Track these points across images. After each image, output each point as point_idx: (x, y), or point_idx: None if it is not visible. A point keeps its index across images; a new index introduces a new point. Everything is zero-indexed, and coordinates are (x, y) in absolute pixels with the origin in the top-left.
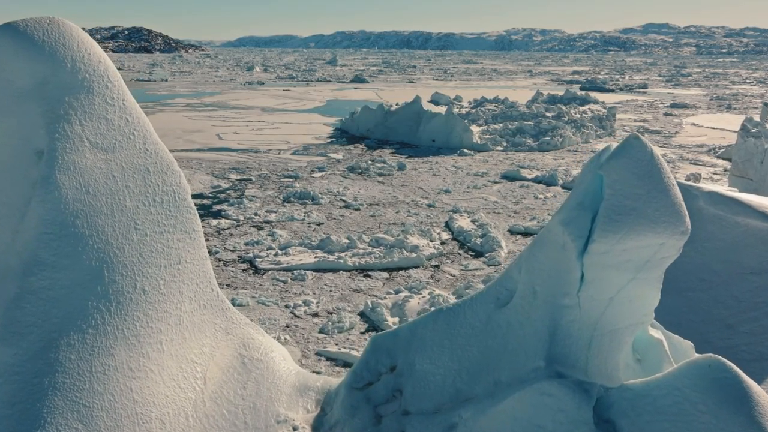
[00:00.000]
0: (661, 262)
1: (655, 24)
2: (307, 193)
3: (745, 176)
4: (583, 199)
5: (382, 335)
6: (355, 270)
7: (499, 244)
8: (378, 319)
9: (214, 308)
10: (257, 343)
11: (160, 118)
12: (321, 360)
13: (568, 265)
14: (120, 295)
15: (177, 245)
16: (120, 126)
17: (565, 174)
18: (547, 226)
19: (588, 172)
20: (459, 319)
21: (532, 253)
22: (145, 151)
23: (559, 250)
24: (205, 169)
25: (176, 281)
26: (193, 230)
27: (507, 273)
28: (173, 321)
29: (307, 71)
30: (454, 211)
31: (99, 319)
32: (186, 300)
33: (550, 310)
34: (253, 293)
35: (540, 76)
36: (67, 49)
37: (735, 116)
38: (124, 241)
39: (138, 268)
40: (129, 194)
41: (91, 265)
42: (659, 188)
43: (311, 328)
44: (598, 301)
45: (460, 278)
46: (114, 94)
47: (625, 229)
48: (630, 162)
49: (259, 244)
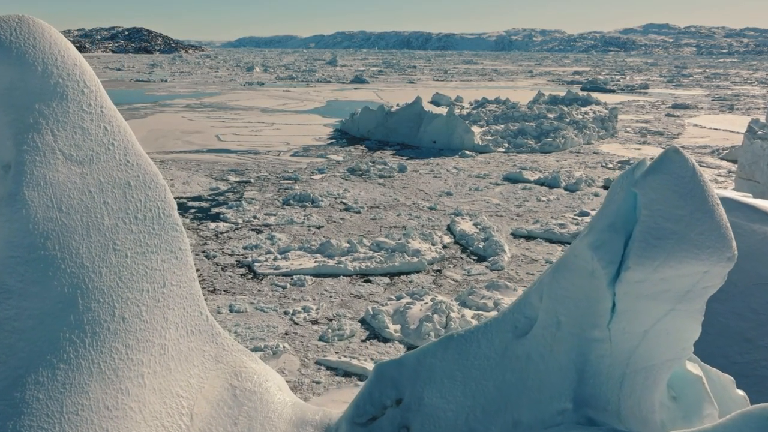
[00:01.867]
0: (704, 292)
1: (655, 24)
2: (307, 196)
3: (752, 179)
4: (615, 220)
5: (387, 364)
6: (355, 275)
7: (502, 248)
8: (379, 327)
9: (203, 334)
10: (250, 372)
11: (159, 118)
12: (321, 369)
13: (598, 294)
14: (96, 324)
15: (161, 266)
16: (98, 136)
17: (568, 176)
18: (573, 249)
19: (620, 189)
20: (472, 348)
21: (555, 278)
22: (126, 163)
23: (587, 277)
24: (204, 170)
25: (160, 306)
26: (180, 249)
27: (525, 298)
28: (157, 351)
29: (307, 72)
30: (455, 214)
31: (72, 353)
32: (171, 327)
33: (577, 344)
34: (251, 299)
35: (540, 76)
36: (38, 50)
37: (738, 117)
38: (102, 263)
39: (117, 293)
40: (107, 211)
41: (63, 291)
42: (703, 209)
43: (311, 336)
44: (632, 335)
45: (462, 283)
46: (91, 100)
47: (664, 256)
48: (669, 178)
49: (257, 248)
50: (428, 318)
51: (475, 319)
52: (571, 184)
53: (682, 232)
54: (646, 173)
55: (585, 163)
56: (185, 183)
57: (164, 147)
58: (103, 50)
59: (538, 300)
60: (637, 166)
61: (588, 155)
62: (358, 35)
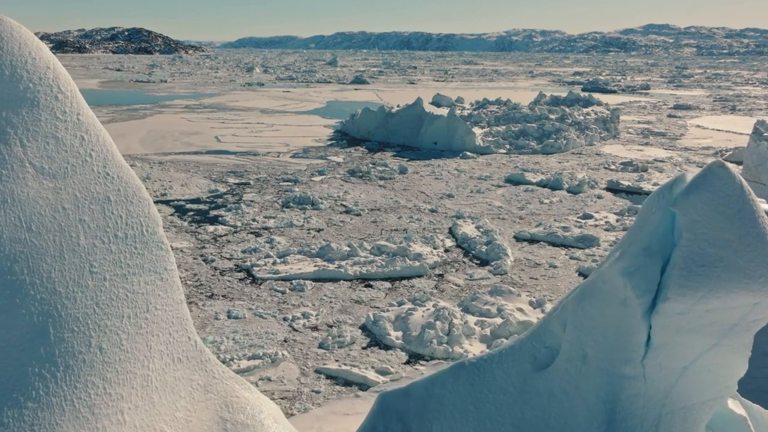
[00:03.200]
0: (753, 326)
1: (655, 25)
2: (307, 198)
3: (759, 181)
4: (650, 244)
5: (392, 394)
6: (355, 279)
7: (505, 251)
8: (380, 333)
9: (191, 361)
10: (243, 403)
11: (158, 119)
12: (320, 378)
13: (631, 326)
14: (69, 356)
15: (144, 289)
16: (73, 146)
17: (570, 178)
18: (601, 275)
19: (655, 207)
20: (486, 380)
21: (580, 306)
22: (106, 176)
23: (619, 307)
24: (203, 172)
25: (143, 333)
26: (165, 270)
27: (545, 326)
28: (139, 383)
29: (307, 72)
30: (457, 217)
31: (42, 389)
32: (155, 355)
33: (607, 380)
34: (250, 305)
35: (541, 77)
36: (6, 52)
37: (740, 118)
38: (76, 288)
39: (94, 321)
40: (83, 230)
41: (32, 321)
42: (754, 232)
43: (310, 343)
44: (669, 371)
45: (465, 288)
46: (66, 107)
47: (709, 286)
48: (714, 197)
49: (256, 252)
50: (430, 325)
51: (478, 326)
52: (573, 186)
53: (729, 259)
54: (687, 191)
55: (587, 164)
56: (184, 185)
57: (163, 148)
58: (103, 51)
59: (560, 328)
60: (675, 183)
61: (590, 156)
62: (359, 36)
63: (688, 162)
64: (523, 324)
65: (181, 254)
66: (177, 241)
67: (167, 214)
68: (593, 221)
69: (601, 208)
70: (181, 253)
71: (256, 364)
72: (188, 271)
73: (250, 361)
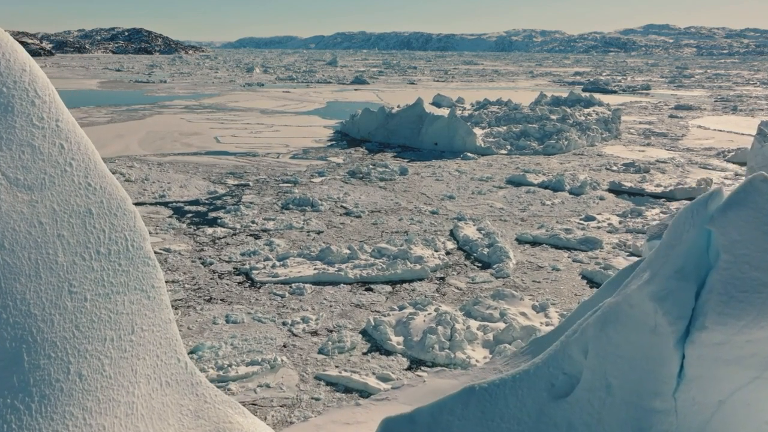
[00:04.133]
0: None
1: (655, 25)
2: (307, 200)
3: None
4: (684, 265)
5: (396, 420)
6: (356, 283)
7: (507, 254)
8: (381, 338)
9: (181, 384)
10: (236, 429)
11: (157, 120)
12: (320, 385)
13: (662, 356)
14: (46, 385)
15: (129, 309)
16: (52, 155)
17: (572, 179)
18: (628, 298)
19: (689, 225)
20: (498, 407)
21: (604, 331)
22: (87, 186)
23: (648, 334)
24: (202, 173)
25: (128, 357)
26: (152, 287)
27: (563, 350)
28: (123, 411)
29: (307, 72)
30: (458, 219)
31: (15, 422)
32: (141, 380)
33: (634, 415)
34: (249, 309)
35: (541, 77)
36: None
37: (742, 118)
38: (54, 310)
39: (73, 345)
40: (62, 246)
41: (4, 347)
42: None
43: (310, 348)
44: (703, 406)
45: (467, 292)
46: (44, 113)
47: (753, 314)
48: (756, 214)
49: (256, 255)
50: (432, 330)
51: (481, 331)
52: (575, 188)
53: None
54: (725, 207)
55: (589, 165)
56: (182, 186)
57: (162, 149)
58: (103, 51)
59: (580, 354)
60: (710, 197)
61: (592, 157)
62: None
63: (690, 163)
64: (527, 329)
65: (179, 257)
66: (175, 243)
67: (165, 216)
68: (596, 223)
69: (603, 209)
70: (180, 255)
71: (254, 371)
72: (186, 274)
73: (248, 367)
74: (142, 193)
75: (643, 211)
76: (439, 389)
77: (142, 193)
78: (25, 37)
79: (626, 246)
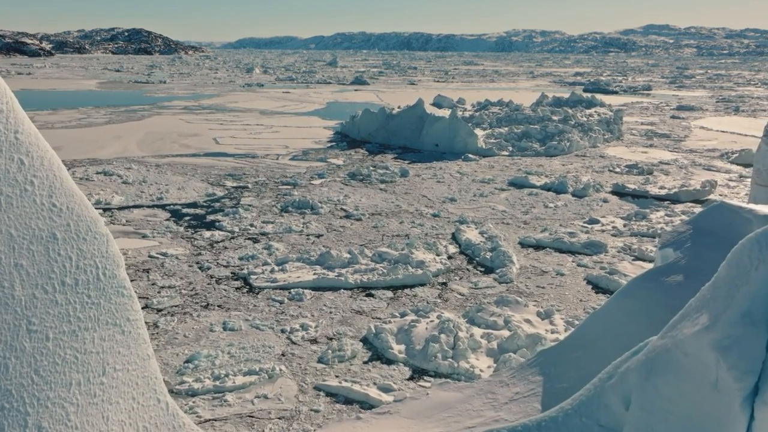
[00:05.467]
0: None
1: (655, 25)
2: (306, 202)
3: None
4: (752, 309)
5: None
6: (356, 288)
7: (510, 258)
8: (382, 347)
9: (161, 429)
10: None
11: (156, 121)
12: (320, 396)
13: (724, 417)
14: None
15: (100, 347)
16: (10, 172)
17: (575, 181)
18: (681, 344)
19: (756, 260)
20: None
21: (650, 381)
22: (51, 207)
23: (708, 390)
24: (200, 175)
25: (98, 403)
26: (127, 320)
27: (599, 398)
28: None
29: (307, 73)
30: (460, 222)
31: None
32: (115, 428)
33: None
34: (246, 315)
35: (542, 77)
36: None
37: (744, 119)
38: (9, 353)
39: (31, 393)
40: (20, 277)
41: None
42: None
43: (309, 357)
44: None
45: (469, 297)
46: (1, 124)
47: None
48: None
49: (254, 259)
50: (435, 338)
51: (485, 339)
52: (578, 190)
53: None
54: None
55: (592, 167)
56: (180, 188)
57: (160, 150)
58: (103, 51)
59: (620, 404)
60: None
61: (594, 159)
62: (359, 36)
63: (693, 164)
64: (532, 337)
65: (176, 261)
66: (172, 247)
67: (163, 219)
68: (600, 226)
69: (607, 212)
70: (177, 260)
71: (252, 380)
72: (183, 279)
73: (246, 376)
74: (140, 195)
75: (647, 214)
76: (443, 402)
77: (140, 195)
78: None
79: (631, 250)
